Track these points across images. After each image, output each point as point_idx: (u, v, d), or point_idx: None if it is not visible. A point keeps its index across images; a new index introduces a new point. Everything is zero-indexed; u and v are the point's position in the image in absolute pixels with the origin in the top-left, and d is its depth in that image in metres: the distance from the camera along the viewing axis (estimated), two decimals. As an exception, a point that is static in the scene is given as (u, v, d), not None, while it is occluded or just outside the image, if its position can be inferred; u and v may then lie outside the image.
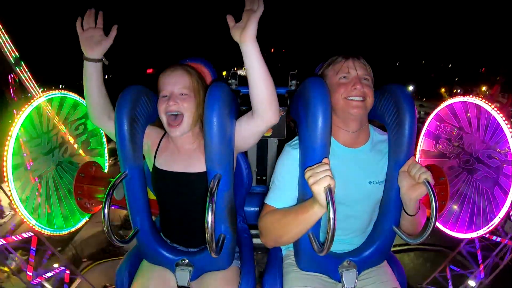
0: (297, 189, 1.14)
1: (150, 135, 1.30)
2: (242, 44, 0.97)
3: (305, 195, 1.08)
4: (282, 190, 1.16)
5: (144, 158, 1.33)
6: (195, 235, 1.29)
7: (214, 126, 1.06)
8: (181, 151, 1.27)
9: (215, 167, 1.11)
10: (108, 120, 1.24)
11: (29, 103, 2.77)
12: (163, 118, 1.21)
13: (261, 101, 1.05)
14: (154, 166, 1.28)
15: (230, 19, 0.99)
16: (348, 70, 1.18)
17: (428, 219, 1.11)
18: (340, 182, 0.99)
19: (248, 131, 1.16)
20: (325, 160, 1.00)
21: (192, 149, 1.26)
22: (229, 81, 2.10)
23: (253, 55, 0.98)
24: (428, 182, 1.02)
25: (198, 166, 1.23)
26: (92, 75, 1.15)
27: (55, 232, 3.52)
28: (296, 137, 1.23)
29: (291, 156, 1.16)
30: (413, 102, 1.12)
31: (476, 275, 4.58)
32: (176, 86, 1.21)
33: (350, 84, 1.15)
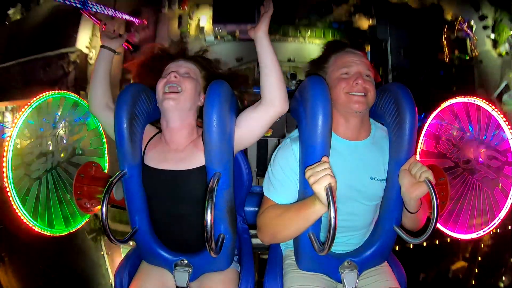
0: (297, 184, 1.14)
1: (144, 132, 1.27)
2: (256, 36, 1.11)
3: (306, 193, 1.08)
4: (283, 184, 1.16)
5: None
6: (187, 243, 1.24)
7: (214, 124, 1.06)
8: (172, 147, 1.21)
9: (214, 165, 1.11)
10: (105, 107, 1.31)
11: (28, 104, 2.76)
12: (160, 93, 1.18)
13: (272, 85, 1.11)
14: (142, 163, 1.22)
15: (249, 27, 1.14)
16: (350, 64, 1.17)
17: (428, 219, 1.10)
18: (341, 176, 0.99)
19: (256, 121, 1.16)
20: (324, 159, 1.00)
21: (184, 145, 1.21)
22: None
23: (264, 44, 1.11)
24: (429, 181, 1.02)
25: (190, 162, 1.18)
26: (103, 61, 1.32)
27: (55, 233, 3.49)
28: (296, 130, 1.22)
29: (291, 149, 1.16)
30: (413, 101, 1.12)
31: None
32: (181, 67, 1.22)
33: (351, 79, 1.15)
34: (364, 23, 13.02)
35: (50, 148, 1.97)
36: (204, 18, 12.58)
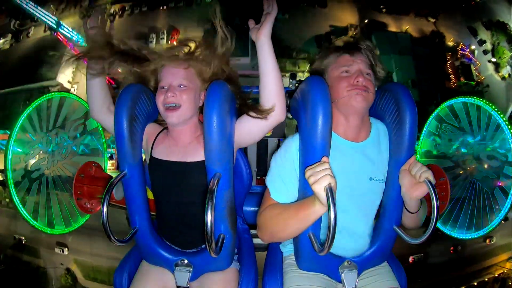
0: (297, 183, 1.14)
1: (148, 130, 1.29)
2: (258, 40, 1.07)
3: (306, 193, 1.08)
4: (284, 183, 1.15)
5: (144, 158, 1.32)
6: (193, 234, 1.26)
7: (214, 124, 1.06)
8: (178, 143, 1.25)
9: (214, 165, 1.11)
10: (107, 111, 1.28)
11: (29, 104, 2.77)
12: (161, 109, 1.21)
13: (271, 94, 1.10)
14: (151, 156, 1.26)
15: (251, 22, 1.10)
16: (351, 63, 1.17)
17: (429, 219, 1.10)
18: (341, 177, 0.99)
19: (255, 126, 1.16)
20: (324, 159, 1.00)
21: (189, 141, 1.25)
22: None
23: (266, 50, 1.08)
24: (429, 181, 1.02)
25: (195, 156, 1.21)
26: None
27: (55, 233, 3.51)
28: (297, 134, 1.22)
29: (293, 146, 1.15)
30: (413, 101, 1.12)
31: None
32: (176, 77, 1.20)
33: (352, 78, 1.15)
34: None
35: (50, 148, 1.97)
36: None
